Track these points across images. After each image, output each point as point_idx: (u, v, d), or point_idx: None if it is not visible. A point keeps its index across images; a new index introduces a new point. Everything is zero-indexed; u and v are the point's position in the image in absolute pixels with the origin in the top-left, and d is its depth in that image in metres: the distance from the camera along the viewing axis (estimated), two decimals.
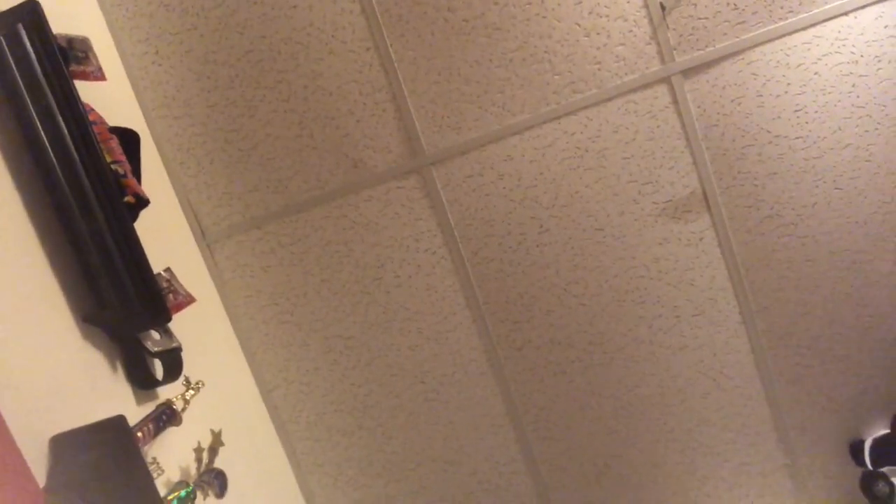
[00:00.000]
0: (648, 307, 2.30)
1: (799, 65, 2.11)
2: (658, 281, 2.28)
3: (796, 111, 2.14)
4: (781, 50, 2.11)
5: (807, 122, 2.14)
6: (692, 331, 2.30)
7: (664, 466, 2.39)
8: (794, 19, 2.09)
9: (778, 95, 2.14)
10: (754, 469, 2.37)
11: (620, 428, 2.38)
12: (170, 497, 1.64)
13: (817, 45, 2.10)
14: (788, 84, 2.13)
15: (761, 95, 2.14)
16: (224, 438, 1.93)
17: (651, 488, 2.41)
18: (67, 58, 1.63)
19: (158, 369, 1.79)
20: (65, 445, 1.36)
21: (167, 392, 1.81)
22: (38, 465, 1.29)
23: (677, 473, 2.39)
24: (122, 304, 1.62)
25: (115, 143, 1.72)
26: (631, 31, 2.14)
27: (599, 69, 2.17)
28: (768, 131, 2.16)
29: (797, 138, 2.15)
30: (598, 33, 2.15)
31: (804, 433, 2.33)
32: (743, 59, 2.13)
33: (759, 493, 2.38)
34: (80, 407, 1.48)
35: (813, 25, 2.08)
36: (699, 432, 2.36)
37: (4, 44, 1.49)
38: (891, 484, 2.20)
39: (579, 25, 2.15)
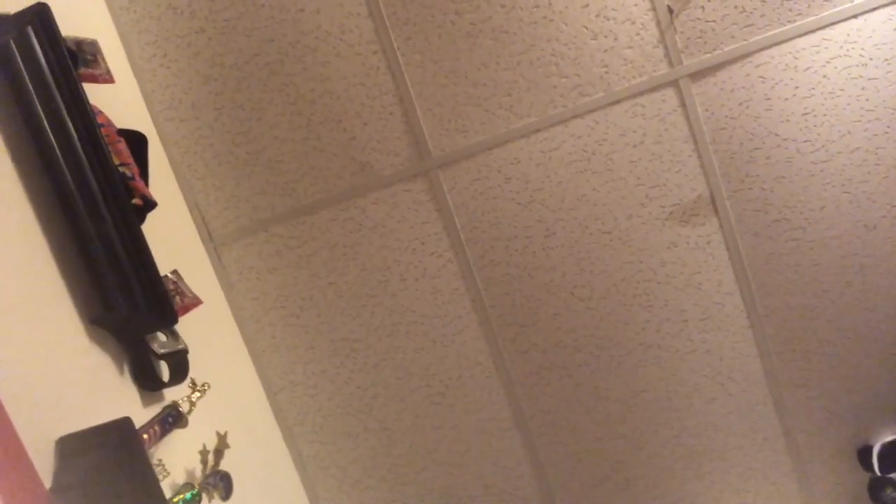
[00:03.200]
0: (655, 311, 2.29)
1: (807, 68, 2.10)
2: (665, 285, 2.27)
3: (805, 114, 2.13)
4: (790, 53, 2.10)
5: (815, 126, 2.13)
6: (699, 335, 2.29)
7: (670, 471, 2.38)
8: (802, 22, 2.08)
9: (786, 98, 2.13)
10: (761, 474, 2.35)
11: (627, 432, 2.37)
12: (175, 499, 1.64)
13: (826, 48, 2.09)
14: (797, 87, 2.12)
15: (769, 98, 2.13)
16: (230, 441, 1.93)
17: (657, 493, 2.40)
18: (76, 60, 1.64)
19: (164, 371, 1.80)
20: (71, 447, 1.36)
21: (173, 394, 1.81)
22: (44, 466, 1.29)
23: (684, 478, 2.38)
24: (129, 306, 1.62)
25: (123, 145, 1.73)
26: (638, 34, 2.14)
27: (607, 72, 2.17)
28: (776, 134, 2.15)
29: (805, 141, 2.14)
30: (605, 36, 2.15)
31: (812, 438, 2.32)
32: (751, 62, 2.12)
33: (766, 498, 2.37)
34: (87, 408, 1.48)
35: (821, 28, 2.07)
36: (706, 437, 2.35)
37: (14, 46, 1.49)
38: None
39: (586, 28, 2.15)
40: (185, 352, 1.84)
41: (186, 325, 1.89)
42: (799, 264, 2.21)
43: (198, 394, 1.82)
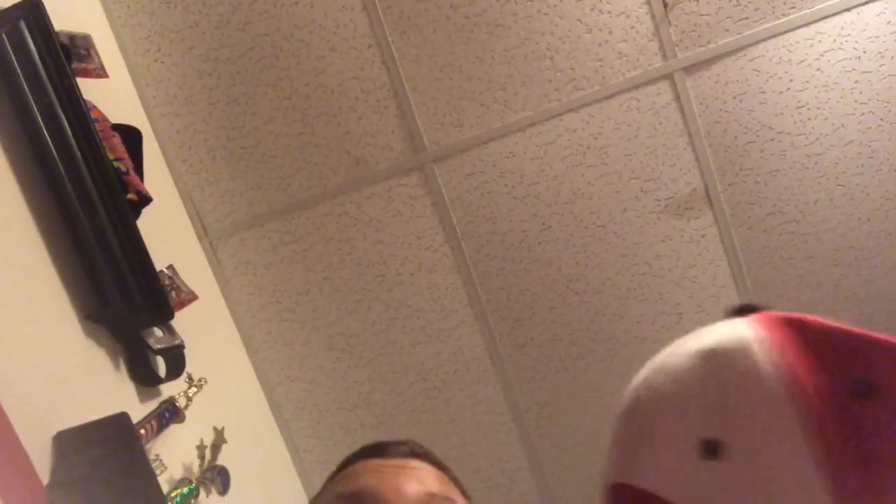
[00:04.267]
0: (651, 304, 2.30)
1: (801, 61, 2.11)
2: (660, 278, 2.28)
3: (799, 107, 2.14)
4: (784, 46, 2.11)
5: (809, 119, 2.14)
6: (695, 328, 2.29)
7: None
8: (796, 15, 2.08)
9: (780, 92, 2.13)
10: None
11: None
12: (173, 494, 1.64)
13: (820, 41, 2.09)
14: (791, 80, 2.12)
15: (763, 92, 2.14)
16: (227, 436, 1.93)
17: None
18: (69, 55, 1.63)
19: (161, 367, 1.79)
20: (68, 442, 1.36)
21: (170, 389, 1.81)
22: (42, 462, 1.29)
23: None
24: (125, 301, 1.62)
25: (117, 140, 1.72)
26: (633, 27, 2.14)
27: (601, 66, 2.17)
28: (770, 128, 2.15)
29: (799, 135, 2.15)
30: (599, 30, 2.15)
31: None
32: (745, 55, 2.12)
33: None
34: (84, 404, 1.48)
35: (815, 21, 2.08)
36: None
37: (6, 40, 1.49)
38: None
39: (581, 22, 2.15)
40: (181, 347, 1.83)
41: (182, 321, 1.88)
42: (793, 257, 2.22)
43: (195, 389, 1.82)
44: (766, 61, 2.12)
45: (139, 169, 1.83)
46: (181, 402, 1.77)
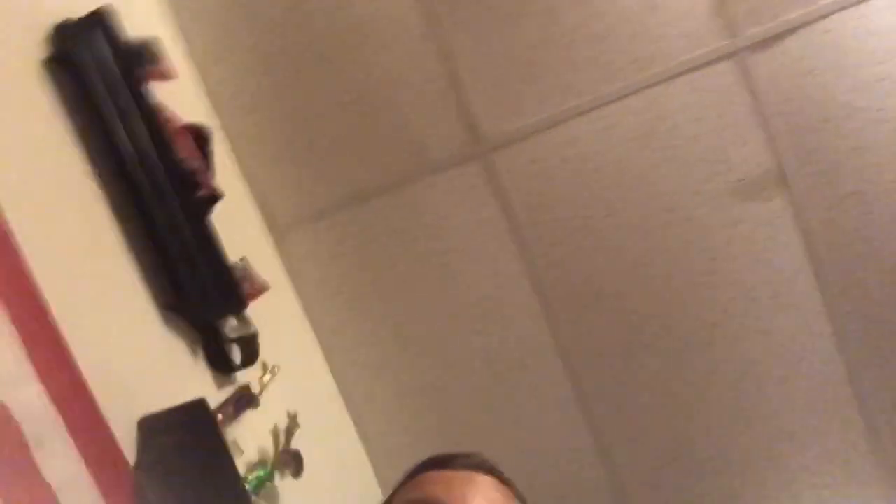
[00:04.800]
0: (722, 290, 2.23)
1: (881, 31, 1.98)
2: (732, 263, 2.21)
3: (879, 80, 2.01)
4: (861, 16, 1.98)
5: (891, 93, 2.01)
6: (769, 314, 2.22)
7: (741, 453, 2.32)
8: None
9: (857, 65, 2.01)
10: (838, 456, 2.27)
11: (694, 414, 2.33)
12: (250, 476, 1.72)
13: None
14: (870, 53, 2.00)
15: (839, 66, 2.02)
16: (299, 421, 2.00)
17: (727, 475, 2.35)
18: (140, 59, 1.71)
19: (236, 355, 1.87)
20: (151, 427, 1.44)
21: (245, 376, 1.88)
22: (128, 446, 1.38)
23: (755, 460, 2.32)
24: (201, 292, 1.71)
25: (188, 139, 1.80)
26: (696, 5, 2.06)
27: (664, 46, 2.10)
28: (847, 104, 2.04)
29: (879, 110, 2.03)
30: (661, 8, 2.08)
31: (891, 418, 2.22)
32: (817, 27, 2.01)
33: (843, 480, 2.28)
34: (164, 390, 1.56)
35: None
36: (778, 419, 2.28)
37: (80, 51, 1.57)
38: None
39: (642, 1, 2.09)
40: (255, 335, 1.91)
41: (255, 311, 1.96)
42: (874, 238, 2.11)
43: (269, 376, 1.89)
44: (840, 34, 2.00)
45: (210, 166, 1.90)
46: (256, 389, 1.85)
